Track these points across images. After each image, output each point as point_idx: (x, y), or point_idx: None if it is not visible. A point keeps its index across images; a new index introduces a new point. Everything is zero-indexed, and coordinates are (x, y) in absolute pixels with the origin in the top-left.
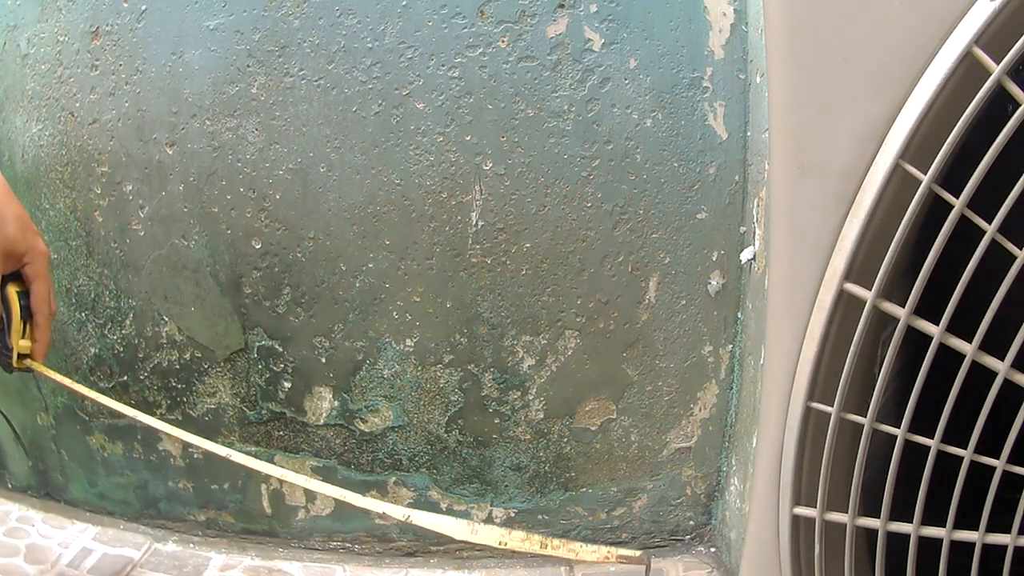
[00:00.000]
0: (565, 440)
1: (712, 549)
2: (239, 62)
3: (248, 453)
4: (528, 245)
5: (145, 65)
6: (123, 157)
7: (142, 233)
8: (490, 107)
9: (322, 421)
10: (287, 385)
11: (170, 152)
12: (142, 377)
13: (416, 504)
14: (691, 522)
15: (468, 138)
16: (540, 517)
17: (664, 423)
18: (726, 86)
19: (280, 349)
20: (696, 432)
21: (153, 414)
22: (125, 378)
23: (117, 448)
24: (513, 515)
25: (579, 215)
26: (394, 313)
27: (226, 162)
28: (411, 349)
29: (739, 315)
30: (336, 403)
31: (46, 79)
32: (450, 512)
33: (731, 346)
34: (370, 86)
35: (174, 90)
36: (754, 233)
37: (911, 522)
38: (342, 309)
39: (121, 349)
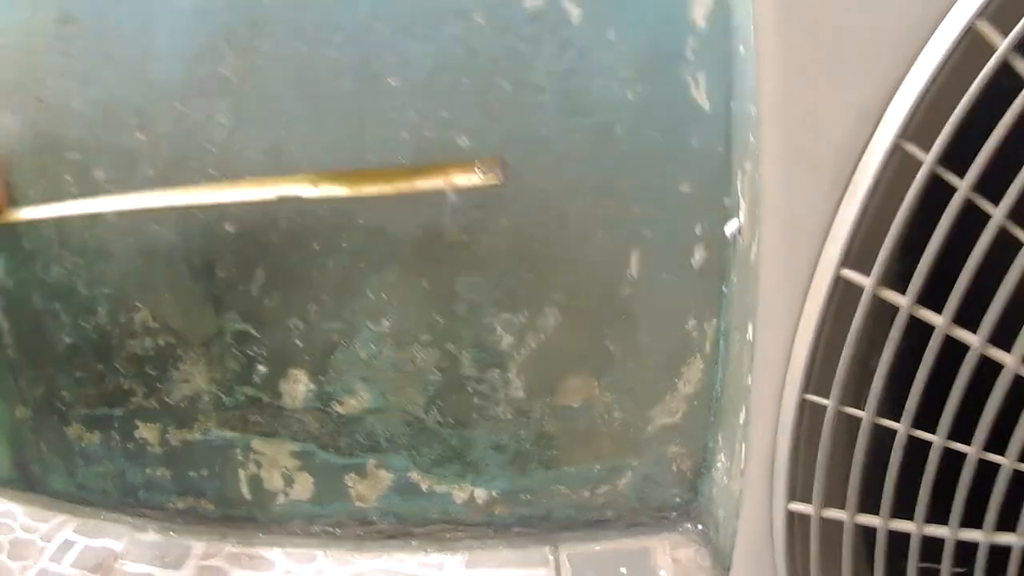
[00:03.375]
0: (547, 418)
1: (699, 527)
2: (209, 42)
3: (225, 440)
4: (505, 221)
5: (115, 49)
6: (94, 143)
7: (114, 220)
8: (466, 82)
9: (299, 404)
10: (263, 369)
11: (141, 137)
12: (117, 365)
13: (397, 485)
14: (677, 499)
15: (444, 114)
16: (523, 496)
17: (648, 399)
18: (709, 57)
19: (255, 333)
20: (681, 408)
21: (129, 402)
22: (101, 367)
23: (94, 437)
24: (495, 495)
25: (558, 189)
26: (369, 293)
27: (197, 145)
28: (387, 330)
29: (723, 288)
30: (312, 386)
31: (16, 67)
32: (431, 493)
33: (715, 320)
34: (342, 63)
35: (144, 74)
36: (739, 205)
37: (912, 519)
38: (316, 290)
39: (96, 338)
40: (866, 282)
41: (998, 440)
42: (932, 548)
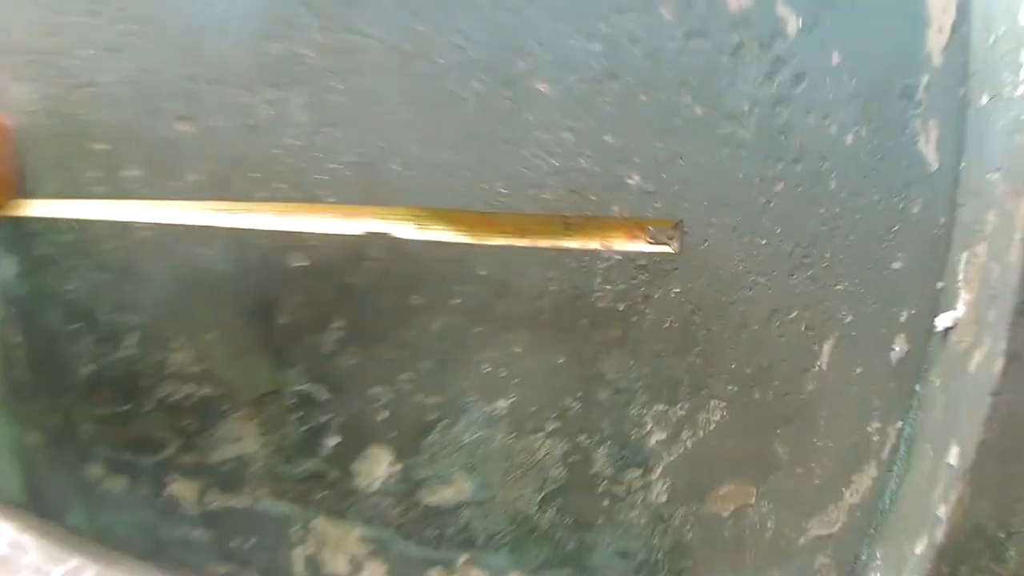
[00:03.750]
0: (688, 527)
1: None
2: (285, 11)
3: (280, 513)
4: (677, 290)
5: (157, 12)
6: (126, 132)
7: (148, 233)
8: (643, 98)
9: (377, 487)
10: (332, 441)
11: (185, 129)
12: (147, 409)
13: None
14: None
15: (608, 138)
16: None
17: (808, 509)
18: (941, 102)
19: (325, 397)
20: (841, 518)
21: (160, 453)
22: (127, 407)
23: (119, 483)
24: None
25: (750, 254)
26: (484, 366)
27: (261, 147)
28: (503, 412)
29: (917, 388)
30: (397, 468)
31: (36, 28)
32: None
33: (900, 423)
34: (472, 55)
35: (193, 46)
36: (956, 294)
37: None
38: (413, 354)
39: (122, 373)
40: None
41: None
42: None
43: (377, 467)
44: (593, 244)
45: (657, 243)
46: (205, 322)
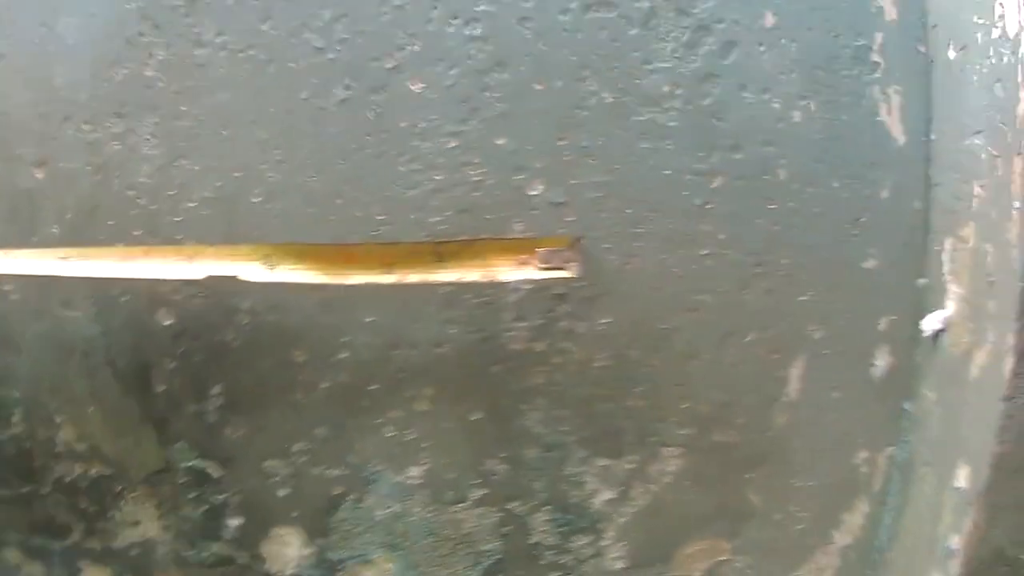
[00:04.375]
0: None
1: None
2: (128, 29)
3: None
4: (607, 320)
5: (8, 43)
6: None
7: (15, 296)
8: (538, 88)
9: (290, 571)
10: (233, 522)
11: (40, 176)
12: (44, 492)
13: None
14: None
15: (501, 142)
16: None
17: (792, 559)
18: (902, 63)
19: (216, 473)
20: (833, 563)
21: (67, 538)
22: (25, 489)
23: (35, 569)
24: None
25: (690, 269)
26: (387, 428)
27: (112, 189)
28: (417, 481)
29: (907, 406)
30: (308, 550)
31: None
32: None
33: (891, 449)
34: (331, 56)
35: (43, 79)
36: (943, 289)
37: None
38: (303, 420)
39: (14, 452)
40: None
41: None
42: None
43: (287, 549)
44: (472, 275)
45: (551, 268)
46: (83, 394)
